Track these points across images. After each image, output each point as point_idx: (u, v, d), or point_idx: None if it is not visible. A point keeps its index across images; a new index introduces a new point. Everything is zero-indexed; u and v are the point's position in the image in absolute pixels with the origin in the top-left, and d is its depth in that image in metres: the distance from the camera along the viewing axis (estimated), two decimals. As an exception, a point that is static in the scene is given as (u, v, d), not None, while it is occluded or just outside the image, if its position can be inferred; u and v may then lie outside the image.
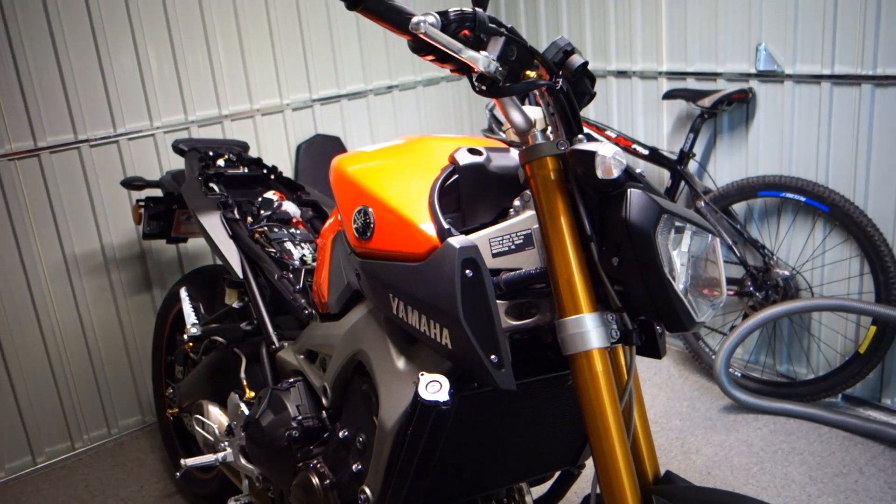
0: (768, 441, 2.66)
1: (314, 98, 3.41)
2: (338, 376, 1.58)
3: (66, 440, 3.01)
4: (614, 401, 1.18)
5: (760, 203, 2.99)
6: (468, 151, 1.38)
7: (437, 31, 1.12)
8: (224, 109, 3.18)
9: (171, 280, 3.09)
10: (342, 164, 1.54)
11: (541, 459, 1.58)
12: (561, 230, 1.21)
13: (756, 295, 2.91)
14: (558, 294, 1.20)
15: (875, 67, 2.53)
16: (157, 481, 2.80)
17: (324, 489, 1.60)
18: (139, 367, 3.12)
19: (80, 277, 2.94)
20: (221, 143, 2.68)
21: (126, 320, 3.07)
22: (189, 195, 2.33)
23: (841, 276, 2.79)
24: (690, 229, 1.22)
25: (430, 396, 1.22)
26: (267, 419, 1.73)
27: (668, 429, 2.79)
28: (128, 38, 2.90)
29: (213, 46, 3.10)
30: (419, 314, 1.27)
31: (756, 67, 2.85)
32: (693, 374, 3.15)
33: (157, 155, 3.04)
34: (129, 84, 2.94)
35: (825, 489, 2.39)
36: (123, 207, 2.99)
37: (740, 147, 3.02)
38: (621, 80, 3.38)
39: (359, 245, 1.43)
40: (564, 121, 1.23)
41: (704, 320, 1.22)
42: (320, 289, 1.77)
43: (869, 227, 2.60)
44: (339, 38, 3.43)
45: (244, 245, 2.13)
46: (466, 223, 1.35)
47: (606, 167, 1.13)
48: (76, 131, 2.85)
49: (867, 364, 2.67)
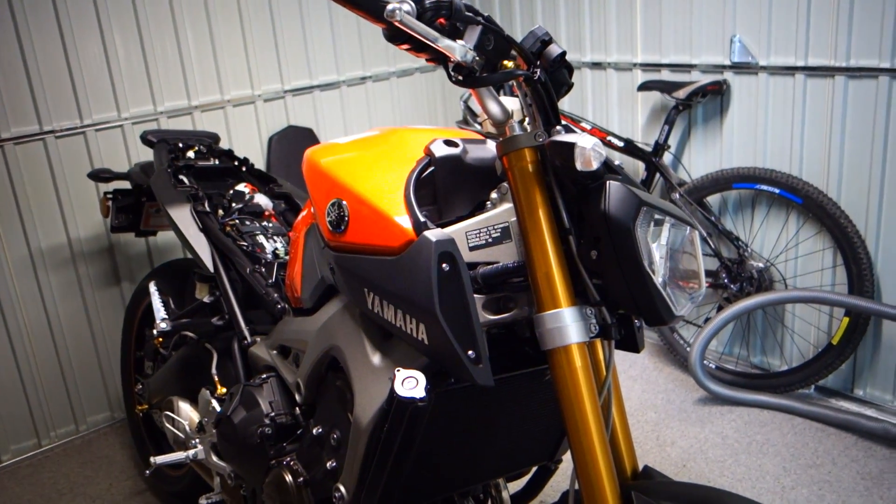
0: (743, 433, 2.67)
1: (286, 89, 3.36)
2: (311, 372, 1.56)
3: (32, 437, 2.94)
4: (593, 396, 1.16)
5: (735, 195, 2.99)
6: (444, 143, 1.36)
7: (412, 20, 1.09)
8: (194, 100, 3.12)
9: (141, 274, 3.04)
10: (315, 156, 1.51)
11: (518, 455, 1.56)
12: (539, 223, 1.19)
13: (731, 287, 2.92)
14: (536, 288, 1.18)
15: (848, 59, 2.54)
16: (126, 479, 2.75)
17: (297, 487, 1.57)
18: (108, 363, 3.06)
19: (46, 272, 2.87)
20: (191, 135, 2.62)
21: (94, 315, 3.01)
22: (158, 188, 2.28)
23: (814, 267, 2.81)
24: (669, 222, 1.20)
25: (406, 393, 1.20)
26: (239, 416, 1.70)
27: (644, 421, 2.79)
28: (94, 24, 2.83)
29: (182, 35, 3.04)
30: (395, 309, 1.25)
31: (730, 59, 2.85)
32: (668, 367, 3.15)
33: (126, 146, 2.97)
34: (96, 73, 2.87)
35: (799, 480, 2.41)
36: (91, 200, 2.92)
37: (715, 139, 3.02)
38: (596, 71, 3.37)
39: (333, 239, 1.40)
40: (542, 112, 1.21)
41: (684, 314, 1.21)
42: (293, 283, 1.74)
43: (842, 219, 2.62)
44: (311, 28, 3.38)
45: (215, 238, 2.09)
46: (443, 216, 1.32)
47: (586, 159, 1.11)
48: (41, 122, 2.78)
49: (840, 355, 2.69)
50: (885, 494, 2.31)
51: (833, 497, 2.32)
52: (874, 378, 2.74)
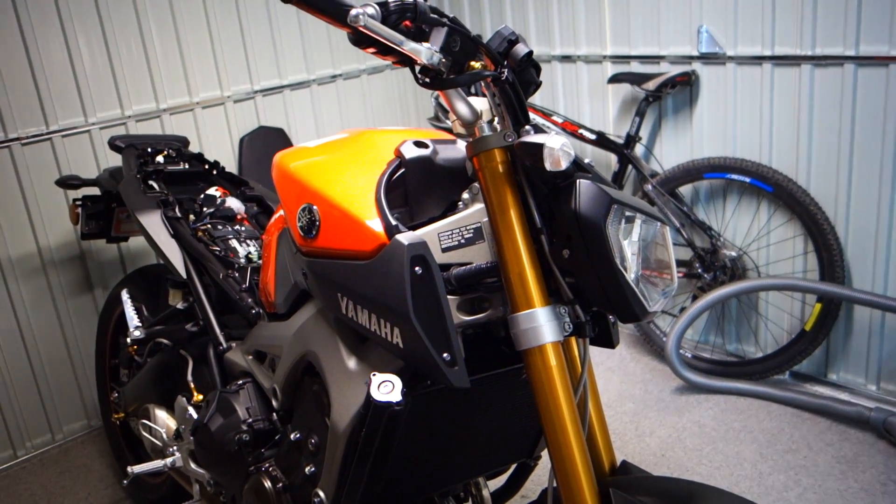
0: (720, 420, 2.70)
1: (256, 89, 3.34)
2: (287, 377, 1.55)
3: (7, 448, 2.90)
4: (569, 394, 1.17)
5: (706, 185, 3.02)
6: (414, 144, 1.35)
7: (376, 24, 1.08)
8: (162, 103, 3.08)
9: (113, 280, 3.00)
10: (284, 161, 1.50)
11: (497, 453, 1.57)
12: (511, 223, 1.19)
13: (704, 276, 2.94)
14: (510, 289, 1.18)
15: (814, 47, 2.56)
16: (104, 487, 2.72)
17: (276, 493, 1.57)
18: (83, 371, 3.03)
19: (16, 281, 2.83)
20: (160, 139, 2.59)
21: (67, 323, 2.97)
22: (127, 194, 2.25)
23: (786, 255, 2.84)
24: (640, 218, 1.21)
25: (382, 397, 1.19)
26: (216, 423, 1.69)
27: (622, 412, 2.81)
28: (57, 28, 2.78)
29: (147, 37, 3.00)
30: (369, 313, 1.24)
31: (698, 50, 2.87)
32: (645, 357, 3.18)
33: (94, 152, 2.93)
34: (61, 78, 2.82)
35: (776, 466, 2.43)
36: (60, 207, 2.88)
37: (685, 129, 3.04)
38: (566, 64, 3.37)
39: (304, 244, 1.39)
40: (511, 111, 1.21)
41: (657, 310, 1.22)
42: (266, 287, 1.72)
43: (812, 207, 2.64)
44: (279, 27, 3.35)
45: (187, 244, 2.06)
46: (414, 218, 1.32)
47: (555, 159, 1.11)
48: (6, 129, 2.73)
49: (813, 341, 2.73)
50: (860, 477, 2.34)
51: (809, 481, 2.35)
52: (847, 362, 2.78)
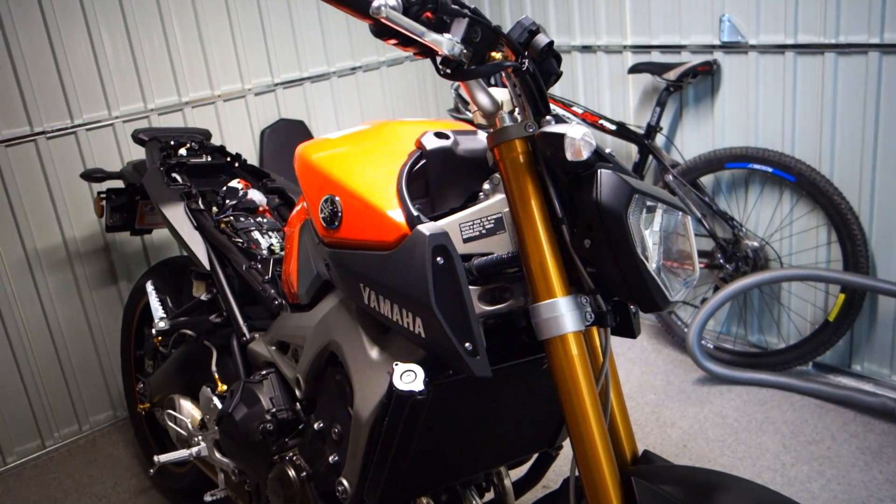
0: (742, 411, 2.69)
1: (276, 82, 3.35)
2: (311, 367, 1.56)
3: (36, 438, 2.95)
4: (591, 384, 1.17)
5: (728, 175, 3.00)
6: (435, 135, 1.36)
7: (398, 15, 1.09)
8: (184, 96, 3.11)
9: (137, 272, 3.04)
10: (307, 152, 1.51)
11: (518, 443, 1.57)
12: (532, 213, 1.19)
13: (726, 267, 2.92)
14: (531, 278, 1.19)
15: (837, 35, 2.53)
16: (131, 477, 2.76)
17: (300, 481, 1.59)
18: (108, 362, 3.07)
19: (43, 273, 2.87)
20: (183, 132, 2.61)
21: (93, 315, 3.01)
22: (151, 187, 2.28)
23: (809, 245, 2.82)
24: (662, 208, 1.21)
25: (405, 386, 1.20)
26: (240, 413, 1.71)
27: (644, 403, 2.80)
28: (81, 23, 2.81)
29: (170, 31, 3.02)
30: (391, 303, 1.25)
31: (720, 39, 2.85)
32: (666, 348, 3.17)
33: (117, 145, 2.96)
34: (85, 72, 2.86)
35: (799, 457, 2.42)
36: (85, 200, 2.92)
37: (706, 119, 3.02)
38: (586, 55, 3.36)
39: (327, 235, 1.40)
40: (531, 102, 1.21)
41: (678, 299, 1.22)
42: (289, 279, 1.74)
43: (835, 196, 2.62)
44: (299, 19, 3.36)
45: (210, 236, 2.09)
46: (435, 209, 1.32)
47: (576, 149, 1.11)
48: (32, 123, 2.77)
49: (837, 332, 2.71)
50: (885, 468, 2.33)
51: (833, 472, 2.34)
52: (871, 353, 2.76)
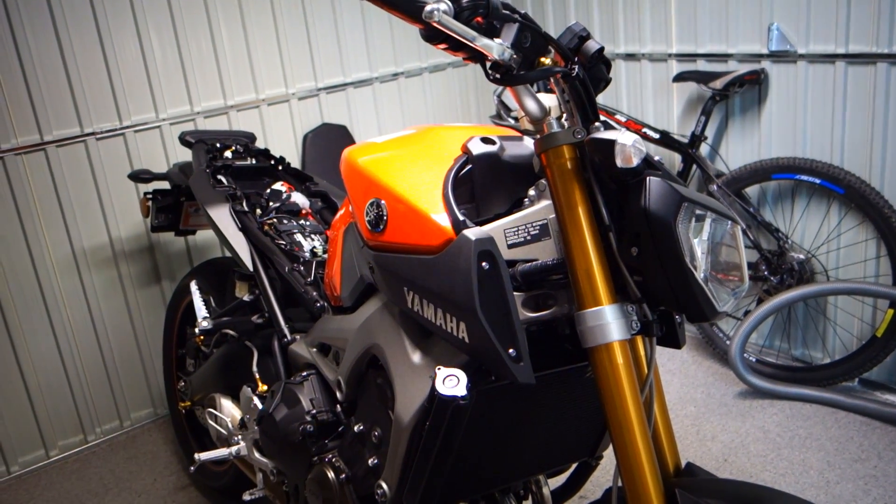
0: (785, 427, 2.64)
1: (320, 87, 3.38)
2: (352, 370, 1.57)
3: (78, 433, 3.01)
4: (635, 393, 1.16)
5: (774, 186, 2.95)
6: (481, 141, 1.36)
7: (450, 19, 1.09)
8: (230, 100, 3.15)
9: (181, 272, 3.08)
10: (353, 156, 1.52)
11: (558, 451, 1.56)
12: (578, 220, 1.18)
13: (771, 279, 2.88)
14: (577, 285, 1.18)
15: (891, 45, 2.48)
16: (170, 474, 2.79)
17: (339, 483, 1.59)
18: (150, 360, 3.12)
19: (89, 271, 2.93)
20: (228, 135, 2.65)
21: (136, 313, 3.06)
22: (197, 188, 2.31)
23: (857, 258, 2.76)
24: (711, 217, 1.19)
25: (447, 391, 1.20)
26: (280, 413, 1.72)
27: (684, 415, 2.77)
28: (131, 27, 2.87)
29: (217, 35, 3.07)
30: (435, 308, 1.25)
31: (768, 48, 2.81)
32: (707, 360, 3.12)
33: (164, 147, 3.02)
34: (134, 75, 2.91)
35: (844, 475, 2.37)
36: (131, 200, 2.97)
37: (753, 129, 2.98)
38: (630, 62, 3.34)
39: (372, 238, 1.40)
40: (580, 108, 1.20)
41: (726, 310, 1.20)
42: (332, 281, 1.75)
43: (886, 209, 2.56)
44: (343, 25, 3.39)
45: (254, 237, 2.11)
46: (481, 214, 1.32)
47: (626, 156, 1.11)
48: (82, 124, 2.83)
49: (885, 348, 2.64)
50: (933, 489, 2.27)
51: (879, 492, 2.28)
52: (920, 370, 2.69)
